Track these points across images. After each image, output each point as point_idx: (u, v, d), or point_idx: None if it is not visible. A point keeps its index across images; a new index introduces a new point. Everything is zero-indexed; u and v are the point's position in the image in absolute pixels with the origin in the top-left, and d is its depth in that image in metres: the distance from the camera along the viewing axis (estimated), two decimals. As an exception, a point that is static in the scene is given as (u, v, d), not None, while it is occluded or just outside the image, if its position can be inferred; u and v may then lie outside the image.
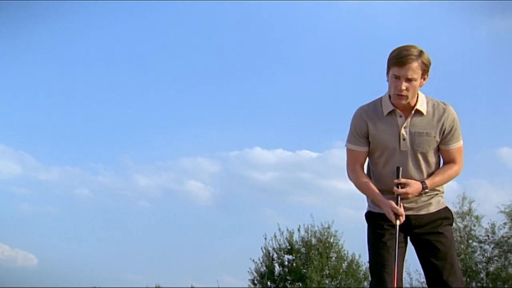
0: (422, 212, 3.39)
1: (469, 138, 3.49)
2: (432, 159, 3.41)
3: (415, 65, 3.17)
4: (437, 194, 3.46)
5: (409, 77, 3.18)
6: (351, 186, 3.52)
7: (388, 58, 3.28)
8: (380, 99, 3.43)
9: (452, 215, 3.50)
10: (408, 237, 3.44)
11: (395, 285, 3.23)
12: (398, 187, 3.33)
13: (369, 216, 3.50)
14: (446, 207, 3.48)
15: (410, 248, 3.52)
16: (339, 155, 37.43)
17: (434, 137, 3.34)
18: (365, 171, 3.53)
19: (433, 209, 3.41)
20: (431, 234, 3.36)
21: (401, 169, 3.33)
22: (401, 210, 3.25)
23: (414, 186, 3.32)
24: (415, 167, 3.39)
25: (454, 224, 3.70)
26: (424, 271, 3.41)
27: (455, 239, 3.61)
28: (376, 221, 3.41)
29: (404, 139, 3.34)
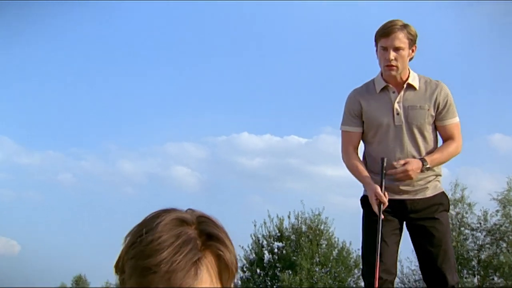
0: (418, 197, 3.33)
1: (461, 124, 3.47)
2: (429, 135, 3.36)
3: (401, 34, 3.23)
4: (434, 178, 3.40)
5: (396, 45, 3.23)
6: (342, 172, 3.80)
7: (375, 34, 3.34)
8: (373, 79, 3.46)
9: (449, 201, 3.47)
10: (404, 223, 3.39)
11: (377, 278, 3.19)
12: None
13: (365, 201, 3.40)
14: (443, 192, 3.43)
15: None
16: (328, 141, 37.24)
17: (428, 110, 3.32)
18: (361, 156, 3.51)
19: (429, 193, 3.34)
20: (426, 220, 3.31)
21: (385, 160, 3.27)
22: (384, 198, 3.22)
23: (414, 163, 3.23)
24: (412, 143, 3.34)
25: (446, 211, 3.60)
26: (418, 257, 3.40)
27: (448, 225, 3.46)
28: (371, 207, 3.31)
29: (398, 114, 3.33)
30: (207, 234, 1.00)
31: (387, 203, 3.23)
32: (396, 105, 3.33)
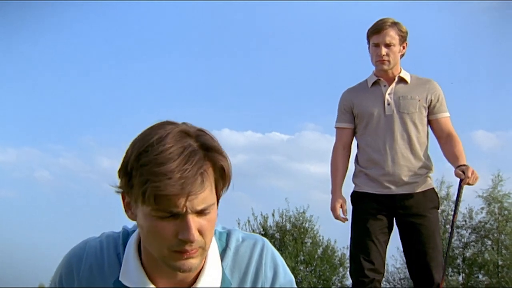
0: (409, 192, 3.28)
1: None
2: (422, 127, 3.34)
3: (392, 31, 3.32)
4: (426, 173, 3.35)
5: (387, 42, 3.31)
6: (326, 169, 3.69)
7: (367, 32, 3.41)
8: (366, 78, 3.51)
9: (438, 198, 3.44)
10: (394, 219, 3.35)
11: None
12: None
13: (355, 197, 3.42)
14: (433, 189, 3.40)
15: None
16: (311, 137, 37.03)
17: (419, 101, 3.33)
18: (353, 156, 3.51)
19: (420, 189, 3.30)
20: (415, 217, 3.27)
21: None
22: (340, 217, 3.34)
23: (470, 168, 3.20)
24: (403, 132, 3.30)
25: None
26: (405, 253, 3.38)
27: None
28: (362, 204, 3.34)
29: (388, 104, 3.34)
30: (206, 146, 1.11)
31: (343, 220, 3.35)
32: (387, 96, 3.35)
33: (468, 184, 3.20)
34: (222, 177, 1.13)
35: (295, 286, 1.32)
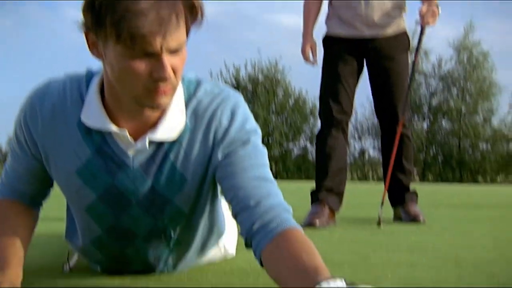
0: (380, 34, 3.24)
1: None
2: None
3: None
4: (399, 13, 3.28)
5: None
6: (298, 20, 3.41)
7: None
8: None
9: (409, 40, 3.39)
10: (365, 62, 3.33)
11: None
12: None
13: (326, 41, 3.36)
14: (405, 32, 3.36)
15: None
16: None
17: None
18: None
19: (391, 32, 3.26)
20: (385, 59, 3.27)
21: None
22: (311, 61, 3.30)
23: (429, 6, 3.16)
24: None
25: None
26: (373, 96, 3.40)
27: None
28: (333, 48, 3.30)
29: None
30: None
31: (313, 64, 3.30)
32: None
33: (428, 23, 3.18)
34: (192, 14, 1.09)
35: (258, 138, 1.25)
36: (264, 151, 1.25)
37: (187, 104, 1.22)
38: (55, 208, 2.13)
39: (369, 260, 1.77)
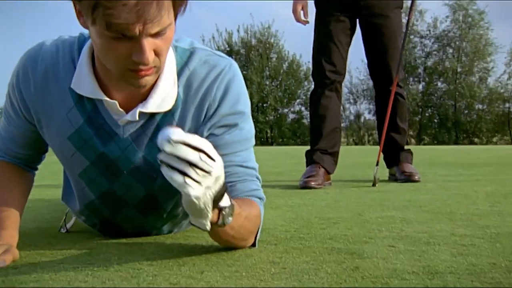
0: None
1: None
2: None
3: None
4: None
5: None
6: None
7: None
8: None
9: None
10: (357, 21, 3.30)
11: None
12: None
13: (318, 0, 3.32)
14: None
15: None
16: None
17: None
18: None
19: None
20: (378, 17, 3.24)
21: None
22: (302, 20, 3.25)
23: None
24: None
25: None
26: (366, 54, 3.37)
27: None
28: (324, 6, 3.26)
29: None
30: None
31: (304, 23, 3.26)
32: None
33: None
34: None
35: (245, 120, 1.24)
36: (251, 133, 1.25)
37: (179, 74, 1.20)
38: (48, 175, 2.12)
39: (363, 217, 1.79)
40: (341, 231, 1.52)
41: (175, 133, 0.87)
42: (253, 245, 1.25)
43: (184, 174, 0.88)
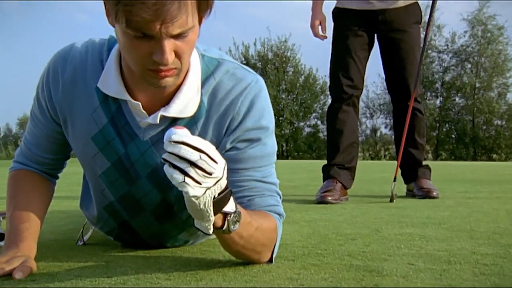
0: (391, 6, 3.20)
1: None
2: None
3: None
4: None
5: None
6: None
7: None
8: None
9: (421, 12, 3.36)
10: (375, 36, 3.30)
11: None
12: None
13: (336, 13, 3.30)
14: (416, 3, 3.31)
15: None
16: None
17: None
18: None
19: (402, 3, 3.22)
20: (396, 32, 3.24)
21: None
22: (320, 35, 3.27)
23: None
24: None
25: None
26: (384, 69, 3.37)
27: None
28: (343, 20, 3.26)
29: None
30: None
31: (322, 38, 3.29)
32: None
33: None
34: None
35: (269, 136, 1.23)
36: (273, 149, 1.25)
37: (204, 83, 1.20)
38: (65, 186, 2.14)
39: (381, 233, 1.77)
40: (360, 247, 1.50)
41: (178, 133, 0.89)
42: (270, 261, 1.24)
43: (185, 173, 0.89)
